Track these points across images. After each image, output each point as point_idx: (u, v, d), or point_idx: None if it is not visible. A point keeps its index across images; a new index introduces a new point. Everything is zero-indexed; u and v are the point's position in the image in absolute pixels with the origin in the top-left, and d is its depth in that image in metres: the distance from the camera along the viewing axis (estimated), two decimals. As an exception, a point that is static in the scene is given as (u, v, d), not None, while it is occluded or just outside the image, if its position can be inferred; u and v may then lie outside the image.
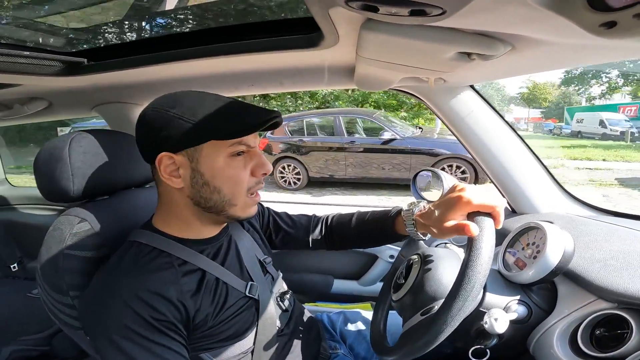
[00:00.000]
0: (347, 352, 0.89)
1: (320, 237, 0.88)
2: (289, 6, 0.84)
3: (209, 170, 0.58)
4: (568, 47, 0.52)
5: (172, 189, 0.60)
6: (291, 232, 0.88)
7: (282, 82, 1.01)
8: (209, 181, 0.58)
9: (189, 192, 0.60)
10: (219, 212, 0.62)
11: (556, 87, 33.34)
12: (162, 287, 0.55)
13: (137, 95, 1.17)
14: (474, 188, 0.58)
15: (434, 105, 1.01)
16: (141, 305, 0.52)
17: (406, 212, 0.73)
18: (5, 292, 1.65)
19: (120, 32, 1.00)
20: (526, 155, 1.00)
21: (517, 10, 0.37)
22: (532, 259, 0.64)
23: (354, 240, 0.87)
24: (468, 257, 0.50)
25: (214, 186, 0.59)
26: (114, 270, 0.58)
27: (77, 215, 0.67)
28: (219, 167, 0.58)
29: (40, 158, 0.68)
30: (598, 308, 0.57)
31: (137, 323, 0.52)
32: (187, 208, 0.62)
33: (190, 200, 0.61)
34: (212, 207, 0.61)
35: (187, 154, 0.57)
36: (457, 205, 0.57)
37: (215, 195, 0.59)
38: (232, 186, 0.60)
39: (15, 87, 1.05)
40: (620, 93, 24.83)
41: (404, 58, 0.65)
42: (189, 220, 0.64)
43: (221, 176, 0.59)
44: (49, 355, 1.24)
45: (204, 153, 0.57)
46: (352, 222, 0.85)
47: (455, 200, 0.58)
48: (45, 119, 1.44)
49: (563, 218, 0.90)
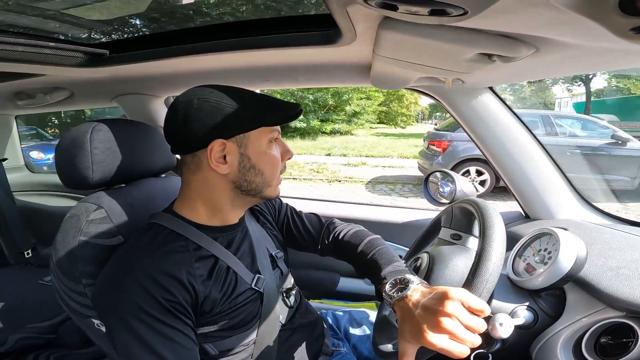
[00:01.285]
0: (350, 351, 0.89)
1: (328, 247, 0.85)
2: (307, 2, 0.84)
3: (255, 155, 0.63)
4: (595, 50, 0.50)
5: (214, 175, 0.63)
6: (302, 236, 0.87)
7: (297, 78, 1.01)
8: (255, 164, 0.64)
9: (234, 176, 0.63)
10: (257, 194, 0.66)
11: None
12: (175, 269, 0.57)
13: (156, 87, 1.19)
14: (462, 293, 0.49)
15: (450, 106, 1.00)
16: (154, 285, 0.54)
17: (387, 294, 0.60)
18: (18, 278, 1.66)
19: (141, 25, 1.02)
20: (544, 160, 0.97)
21: (543, 13, 0.36)
22: (543, 265, 0.63)
23: (354, 266, 0.81)
24: (482, 244, 0.51)
25: (258, 169, 0.64)
26: (130, 249, 0.61)
27: (94, 202, 0.69)
28: (263, 152, 0.64)
29: (61, 146, 0.70)
30: (606, 316, 0.57)
31: (148, 303, 0.53)
32: (225, 192, 0.65)
33: (231, 185, 0.64)
34: (252, 190, 0.65)
35: (236, 140, 0.62)
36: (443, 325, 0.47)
37: (259, 178, 0.65)
38: (272, 168, 0.66)
39: (39, 76, 1.09)
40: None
41: (421, 58, 0.64)
42: (221, 205, 0.66)
43: (264, 160, 0.65)
44: (54, 343, 1.25)
45: (251, 139, 0.63)
46: (357, 249, 0.78)
47: (441, 312, 0.48)
48: (66, 109, 1.48)
49: (578, 225, 0.88)
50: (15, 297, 1.45)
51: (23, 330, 1.21)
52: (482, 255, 0.50)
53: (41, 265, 1.83)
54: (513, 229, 0.96)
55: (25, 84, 1.23)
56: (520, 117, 0.97)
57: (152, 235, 0.62)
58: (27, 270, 1.75)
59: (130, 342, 0.53)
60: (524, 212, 1.05)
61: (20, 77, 1.12)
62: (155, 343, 0.53)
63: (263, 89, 1.13)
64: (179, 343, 0.55)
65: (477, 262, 0.50)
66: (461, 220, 0.79)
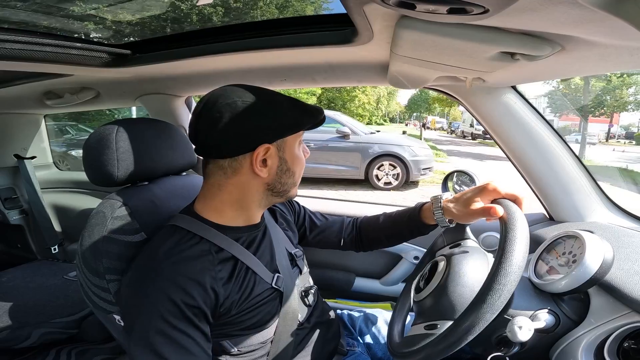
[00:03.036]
0: (364, 351, 0.89)
1: (350, 238, 0.91)
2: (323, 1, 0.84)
3: (290, 158, 0.65)
4: (624, 49, 0.47)
5: (251, 178, 0.63)
6: (326, 231, 0.91)
7: (314, 78, 1.02)
8: (290, 167, 0.65)
9: (271, 179, 0.64)
10: (284, 194, 0.68)
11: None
12: (199, 274, 0.57)
13: (177, 87, 1.22)
14: (501, 180, 0.64)
15: (471, 105, 0.97)
16: (176, 290, 0.54)
17: (434, 198, 0.76)
18: (44, 273, 1.68)
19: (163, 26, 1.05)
20: (569, 161, 0.93)
21: (569, 11, 0.34)
22: (567, 268, 0.62)
23: (381, 238, 0.89)
24: (504, 244, 0.50)
25: (292, 171, 0.66)
26: (155, 254, 0.61)
27: (119, 199, 0.71)
28: (296, 154, 0.66)
29: (89, 143, 0.73)
30: (631, 321, 0.56)
31: (169, 310, 0.53)
32: (257, 194, 0.66)
33: (265, 187, 0.65)
34: (283, 191, 0.67)
35: (277, 144, 0.63)
36: (485, 191, 0.66)
37: (291, 179, 0.67)
38: (300, 169, 0.69)
39: (67, 77, 1.13)
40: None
41: (441, 57, 0.62)
42: (250, 205, 0.67)
43: (296, 162, 0.67)
44: (76, 338, 1.27)
45: (288, 142, 0.64)
46: (379, 219, 0.88)
47: (482, 187, 0.66)
48: (92, 108, 1.53)
49: (604, 228, 0.84)
50: (40, 292, 1.48)
51: (47, 325, 1.24)
52: (503, 257, 0.49)
53: (67, 261, 1.87)
54: (537, 231, 0.94)
55: (54, 84, 1.28)
56: (545, 117, 0.93)
57: (176, 240, 0.61)
58: (53, 266, 1.79)
59: (144, 347, 0.53)
60: (548, 214, 1.02)
61: (49, 77, 1.17)
62: (169, 352, 0.52)
63: (281, 88, 1.14)
64: (192, 353, 0.54)
65: (498, 263, 0.49)
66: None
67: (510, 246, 0.49)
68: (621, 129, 29.64)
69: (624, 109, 18.45)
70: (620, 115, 27.05)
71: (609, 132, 25.54)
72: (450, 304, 0.60)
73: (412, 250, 1.24)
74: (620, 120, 29.75)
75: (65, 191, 1.98)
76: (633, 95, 18.35)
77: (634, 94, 18.46)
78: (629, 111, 19.52)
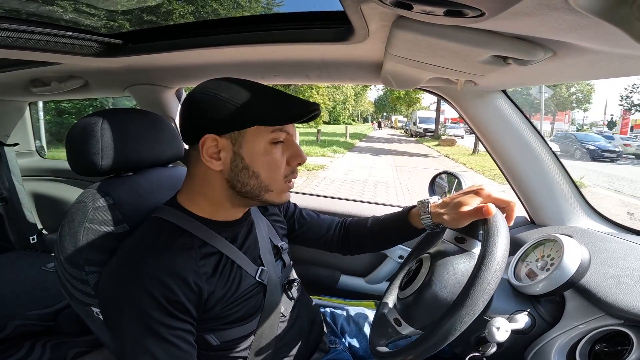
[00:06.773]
0: (345, 349, 0.89)
1: (338, 238, 0.90)
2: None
3: (249, 155, 0.60)
4: (615, 56, 0.49)
5: (209, 170, 0.61)
6: (315, 227, 0.90)
7: (307, 75, 1.01)
8: (248, 165, 0.60)
9: (227, 174, 0.61)
10: (254, 197, 0.63)
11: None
12: (180, 269, 0.56)
13: (168, 79, 1.20)
14: (492, 185, 0.62)
15: (461, 107, 0.98)
16: (157, 285, 0.53)
17: (421, 202, 0.75)
18: (22, 264, 1.63)
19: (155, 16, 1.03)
20: (553, 166, 0.96)
21: (563, 17, 0.35)
22: (544, 271, 0.63)
23: (368, 241, 0.88)
24: (484, 252, 0.51)
25: (252, 171, 0.60)
26: (136, 247, 0.60)
27: (102, 190, 0.70)
28: (259, 153, 0.60)
29: (73, 132, 0.71)
30: (603, 324, 0.57)
31: (149, 304, 0.53)
32: (221, 190, 0.63)
33: (226, 183, 0.62)
34: (248, 192, 0.62)
35: (231, 137, 0.59)
36: (477, 196, 0.64)
37: (253, 180, 0.61)
38: (270, 173, 0.61)
39: (55, 65, 1.10)
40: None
41: (434, 58, 0.63)
42: (220, 202, 0.65)
43: (260, 162, 0.60)
44: (52, 331, 1.24)
45: (247, 137, 0.59)
46: (367, 223, 0.87)
47: (475, 191, 0.65)
48: (79, 97, 1.49)
49: (583, 233, 0.87)
50: (17, 283, 1.44)
51: (22, 317, 1.20)
52: (484, 260, 0.50)
53: (45, 251, 1.82)
54: (518, 235, 0.96)
55: (41, 72, 1.24)
56: (531, 122, 0.95)
57: (158, 232, 0.61)
58: (31, 256, 1.74)
59: (127, 340, 0.53)
60: (530, 218, 1.04)
61: (37, 65, 1.13)
62: (151, 344, 0.52)
63: (274, 84, 1.13)
64: (176, 345, 0.54)
65: (479, 266, 0.50)
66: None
67: (493, 246, 0.51)
68: (572, 126, 30.84)
69: (567, 107, 19.68)
70: (568, 113, 29.74)
71: (552, 129, 27.99)
72: (434, 302, 0.60)
73: (397, 249, 1.26)
74: (569, 118, 31.73)
75: (47, 180, 1.93)
76: (574, 94, 19.89)
77: (575, 92, 20.04)
78: (573, 109, 20.74)
